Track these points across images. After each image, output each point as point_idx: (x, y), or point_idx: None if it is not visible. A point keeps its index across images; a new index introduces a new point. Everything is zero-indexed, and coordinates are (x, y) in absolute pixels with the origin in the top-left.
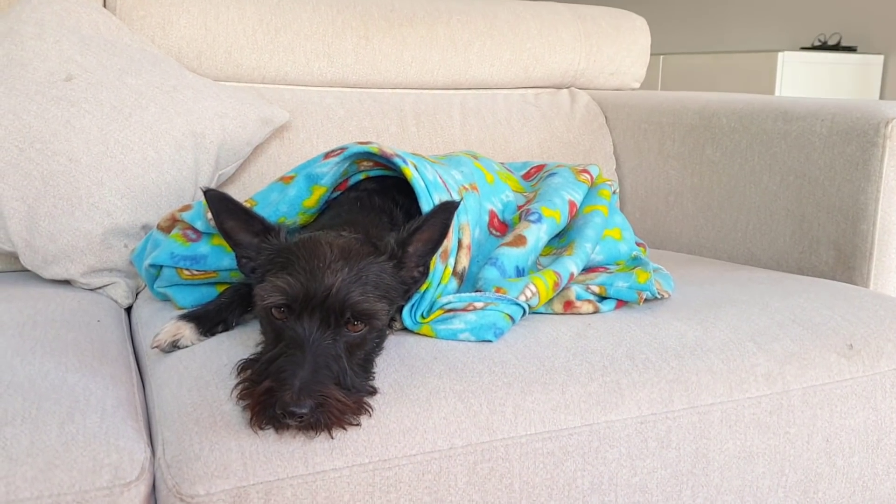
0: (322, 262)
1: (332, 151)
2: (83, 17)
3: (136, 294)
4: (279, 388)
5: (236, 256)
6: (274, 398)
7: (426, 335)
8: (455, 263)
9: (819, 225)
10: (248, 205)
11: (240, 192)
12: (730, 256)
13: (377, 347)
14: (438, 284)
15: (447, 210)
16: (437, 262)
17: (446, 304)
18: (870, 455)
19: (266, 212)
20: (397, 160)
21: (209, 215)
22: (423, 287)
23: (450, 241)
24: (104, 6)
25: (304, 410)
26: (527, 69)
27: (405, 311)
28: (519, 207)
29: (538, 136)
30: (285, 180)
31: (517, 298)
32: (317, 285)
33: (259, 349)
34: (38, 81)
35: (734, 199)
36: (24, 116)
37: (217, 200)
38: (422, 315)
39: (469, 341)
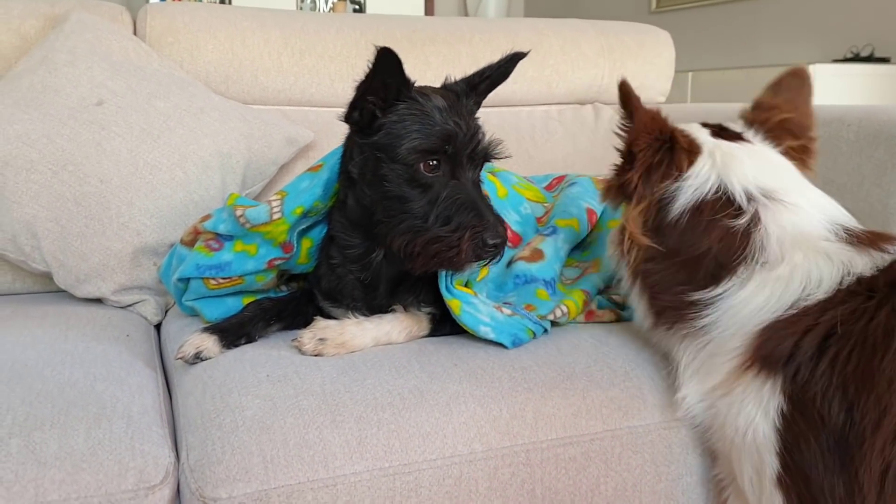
0: (456, 111)
1: None
2: (114, 45)
3: (166, 311)
4: (480, 230)
5: (351, 107)
6: (478, 238)
7: (453, 309)
8: None
9: None
10: (278, 197)
11: None
12: None
13: None
14: None
15: (513, 58)
16: None
17: (479, 294)
18: None
19: (301, 198)
20: None
21: (238, 213)
22: None
23: None
24: (134, 34)
25: (500, 240)
26: (550, 85)
27: (441, 275)
28: (538, 219)
29: (562, 152)
30: (314, 169)
31: (547, 316)
32: (469, 133)
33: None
34: (71, 106)
35: None
36: (57, 140)
37: (388, 59)
38: (458, 281)
39: (487, 338)
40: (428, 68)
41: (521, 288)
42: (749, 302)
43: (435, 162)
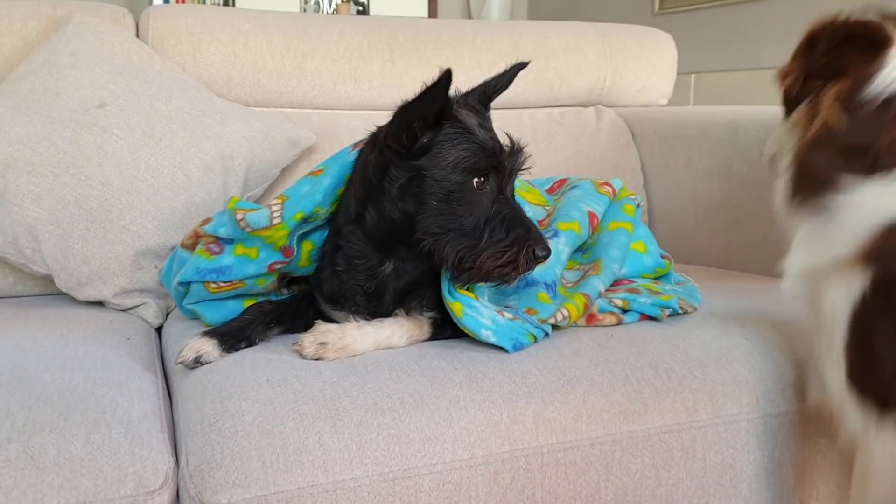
0: (490, 129)
1: (363, 141)
2: (116, 47)
3: (167, 314)
4: (533, 244)
5: (395, 130)
6: (530, 252)
7: (455, 311)
8: None
9: None
10: (278, 201)
11: None
12: (761, 270)
13: None
14: None
15: (516, 67)
16: None
17: (480, 298)
18: None
19: (301, 203)
20: None
21: (239, 216)
22: None
23: None
24: (136, 36)
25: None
26: (552, 88)
27: (444, 278)
28: (539, 222)
29: (565, 154)
30: (315, 174)
31: (548, 320)
32: (512, 150)
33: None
34: (73, 109)
35: (763, 211)
36: (58, 143)
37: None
38: (459, 285)
39: (488, 342)
40: (431, 71)
41: (522, 291)
42: (881, 199)
43: (484, 178)
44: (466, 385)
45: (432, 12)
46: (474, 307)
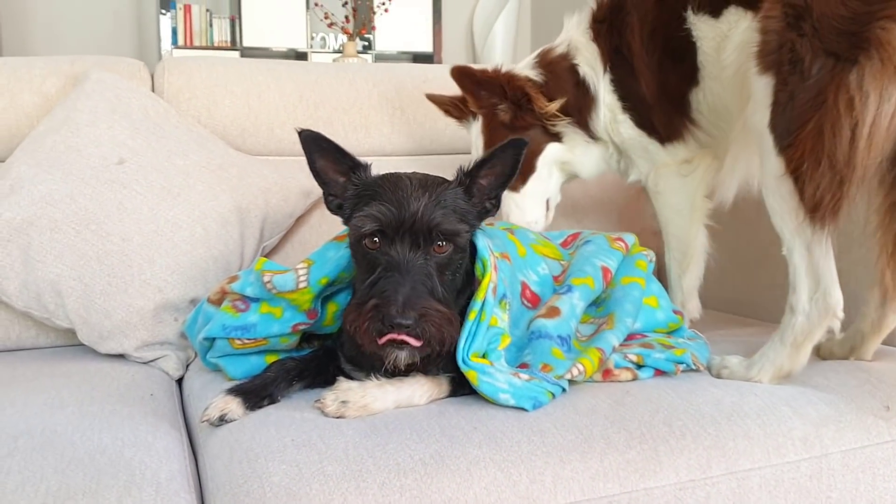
0: (405, 192)
1: None
2: (133, 103)
3: (187, 366)
4: (384, 305)
5: (324, 195)
6: (381, 314)
7: (471, 379)
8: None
9: (856, 280)
10: (304, 265)
11: (283, 261)
12: (768, 314)
13: (461, 267)
14: (489, 316)
15: (517, 145)
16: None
17: (496, 363)
18: None
19: (326, 268)
20: None
21: (266, 278)
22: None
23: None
24: (152, 90)
25: (409, 321)
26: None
27: (459, 348)
28: (555, 277)
29: (572, 196)
30: (339, 239)
31: (564, 376)
32: (405, 211)
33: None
34: (93, 166)
35: (770, 256)
36: (79, 200)
37: (311, 140)
38: (475, 354)
39: (507, 405)
40: (439, 116)
41: (535, 342)
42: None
43: (376, 240)
44: (486, 445)
45: (436, 47)
46: (489, 373)
